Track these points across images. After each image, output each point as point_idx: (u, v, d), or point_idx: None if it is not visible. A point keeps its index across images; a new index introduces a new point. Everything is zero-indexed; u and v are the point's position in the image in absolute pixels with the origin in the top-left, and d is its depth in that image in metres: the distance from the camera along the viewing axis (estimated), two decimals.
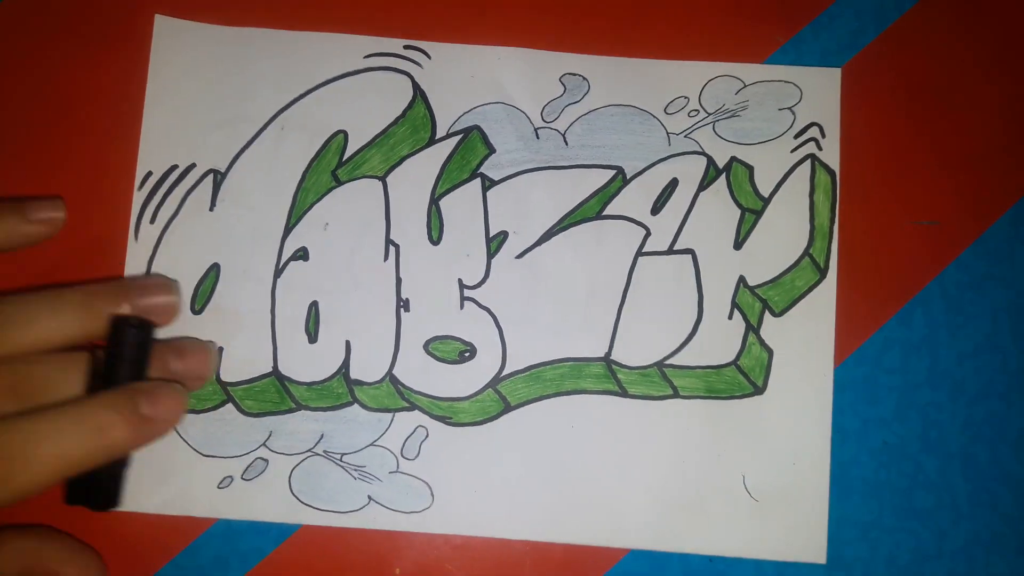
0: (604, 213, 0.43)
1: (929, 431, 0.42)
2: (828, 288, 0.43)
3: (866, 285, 0.43)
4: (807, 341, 0.42)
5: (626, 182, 0.43)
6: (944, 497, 0.42)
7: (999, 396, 0.43)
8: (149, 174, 0.43)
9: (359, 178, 0.43)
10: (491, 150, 0.43)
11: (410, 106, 0.44)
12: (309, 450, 0.42)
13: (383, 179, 0.43)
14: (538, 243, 0.43)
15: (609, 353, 0.42)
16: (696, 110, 0.44)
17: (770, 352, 0.42)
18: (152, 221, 0.43)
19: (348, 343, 0.42)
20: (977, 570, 0.42)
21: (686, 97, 0.44)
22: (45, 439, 0.32)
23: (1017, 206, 0.44)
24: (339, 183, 0.43)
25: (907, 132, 0.44)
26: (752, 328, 0.43)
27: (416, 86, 0.44)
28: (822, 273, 0.43)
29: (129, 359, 0.36)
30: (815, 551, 0.41)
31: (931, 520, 0.42)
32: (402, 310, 0.43)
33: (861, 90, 0.44)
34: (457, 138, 0.44)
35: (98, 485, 0.37)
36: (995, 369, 0.43)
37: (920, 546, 0.42)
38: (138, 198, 0.43)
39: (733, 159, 0.44)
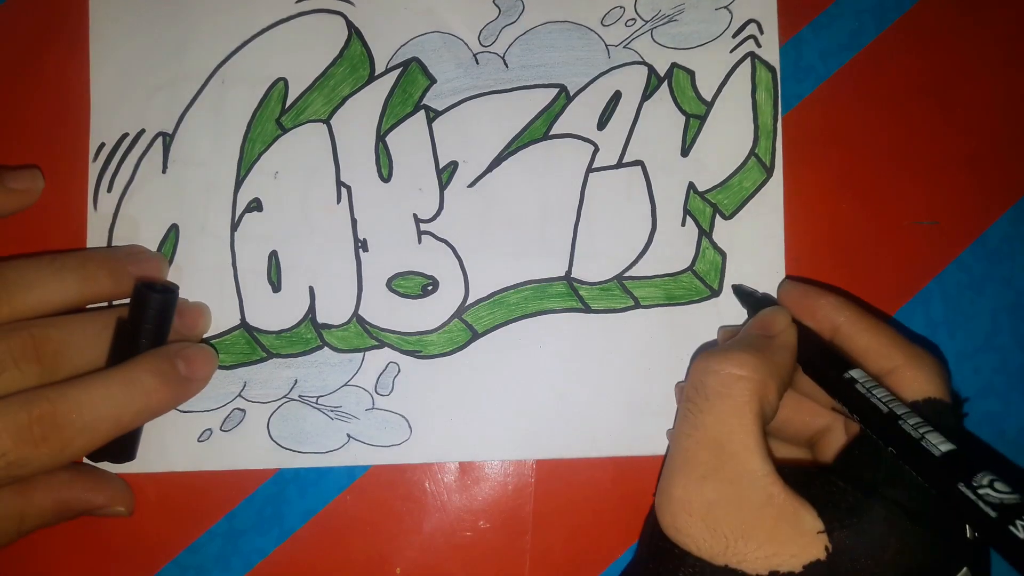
0: (551, 133, 0.43)
1: None
2: (775, 185, 0.43)
3: (866, 285, 0.43)
4: (758, 240, 0.43)
5: (570, 99, 0.43)
6: None
7: (998, 396, 0.43)
8: (102, 145, 0.43)
9: (304, 123, 0.43)
10: (432, 80, 0.43)
11: (346, 45, 0.44)
12: (284, 396, 0.43)
13: (327, 122, 0.43)
14: (488, 170, 0.43)
15: (569, 272, 0.43)
16: (633, 19, 0.43)
17: (723, 255, 0.43)
18: (109, 190, 0.43)
19: (311, 288, 0.43)
20: None
21: (621, 7, 0.44)
22: (98, 405, 0.35)
23: (1017, 206, 0.43)
24: (284, 131, 0.43)
25: (907, 132, 0.44)
26: (705, 233, 0.43)
27: (350, 24, 0.44)
28: (768, 172, 0.43)
29: (154, 323, 0.38)
30: None
31: None
32: (360, 250, 0.43)
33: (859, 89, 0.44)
34: (396, 72, 0.43)
35: (120, 441, 0.38)
36: (995, 369, 0.43)
37: None
38: (93, 170, 0.43)
39: (674, 65, 0.43)
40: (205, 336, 0.43)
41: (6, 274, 0.36)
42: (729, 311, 0.43)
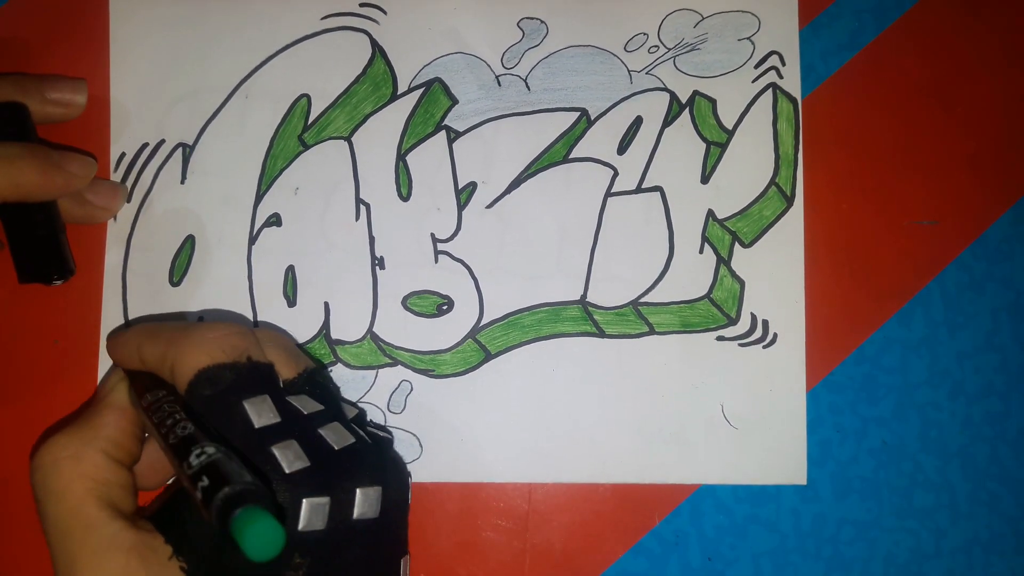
0: (571, 156, 0.43)
1: (928, 431, 0.43)
2: (795, 216, 0.43)
3: (866, 285, 0.43)
4: (777, 269, 0.43)
5: (591, 123, 0.43)
6: (943, 497, 0.42)
7: (999, 396, 0.43)
8: (123, 155, 0.43)
9: (325, 140, 0.43)
10: (454, 101, 0.44)
11: (370, 63, 0.44)
12: None
13: (349, 139, 0.43)
14: (507, 191, 0.43)
15: (584, 295, 0.43)
16: (656, 46, 0.44)
17: (742, 283, 0.43)
18: (128, 200, 0.43)
19: (327, 304, 0.43)
20: (976, 570, 0.42)
21: (645, 33, 0.44)
22: None
23: (1017, 206, 0.44)
24: (306, 147, 0.43)
25: (907, 132, 0.44)
26: (723, 260, 0.43)
27: (374, 43, 0.44)
28: (789, 201, 0.43)
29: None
30: (795, 473, 0.42)
31: (930, 520, 0.42)
32: (377, 268, 0.43)
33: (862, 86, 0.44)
34: (419, 92, 0.44)
35: (44, 258, 0.38)
36: (995, 369, 0.43)
37: (919, 545, 0.42)
38: (113, 179, 0.43)
39: (696, 93, 0.43)
40: None
41: None
42: (747, 339, 0.42)
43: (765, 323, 0.42)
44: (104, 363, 0.42)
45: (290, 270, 0.43)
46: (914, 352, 0.43)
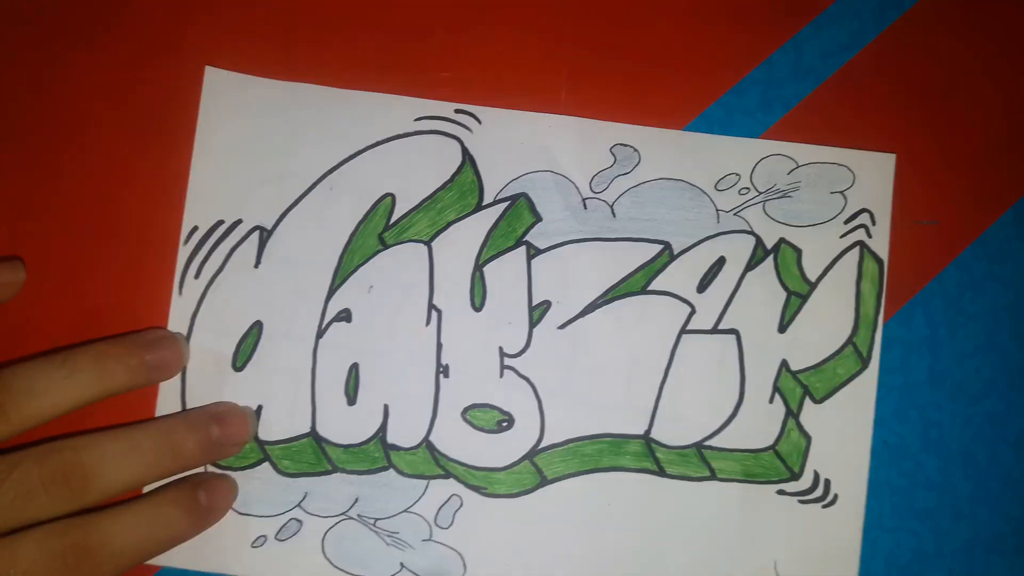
0: (649, 288, 0.43)
1: (929, 431, 0.42)
2: (869, 378, 0.42)
3: None
4: (845, 430, 0.42)
5: (673, 258, 0.43)
6: (944, 497, 0.42)
7: (999, 396, 0.43)
8: (195, 229, 0.43)
9: (405, 242, 0.43)
10: (537, 218, 0.43)
11: (459, 171, 0.43)
12: (343, 513, 0.42)
13: (429, 243, 0.43)
14: (581, 315, 0.43)
15: (649, 431, 0.42)
16: (747, 188, 0.43)
17: (808, 439, 0.42)
18: (196, 276, 0.43)
19: (386, 407, 0.42)
20: (977, 570, 0.42)
21: (737, 174, 0.43)
22: (126, 535, 0.36)
23: (1017, 206, 0.43)
24: (385, 246, 0.43)
25: (907, 132, 0.44)
26: (792, 413, 0.42)
27: (465, 151, 0.44)
28: (864, 363, 0.43)
29: None
30: None
31: (931, 520, 0.42)
32: (441, 376, 0.43)
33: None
34: (504, 205, 0.43)
35: None
36: (995, 369, 0.43)
37: (920, 546, 0.42)
38: (183, 252, 0.43)
39: (782, 240, 0.43)
40: (276, 439, 0.42)
41: (15, 383, 0.36)
42: (807, 497, 0.42)
43: (827, 482, 0.42)
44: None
45: (354, 368, 0.42)
46: (914, 352, 0.43)
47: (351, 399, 0.42)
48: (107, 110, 0.44)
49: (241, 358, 0.42)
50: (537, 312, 0.43)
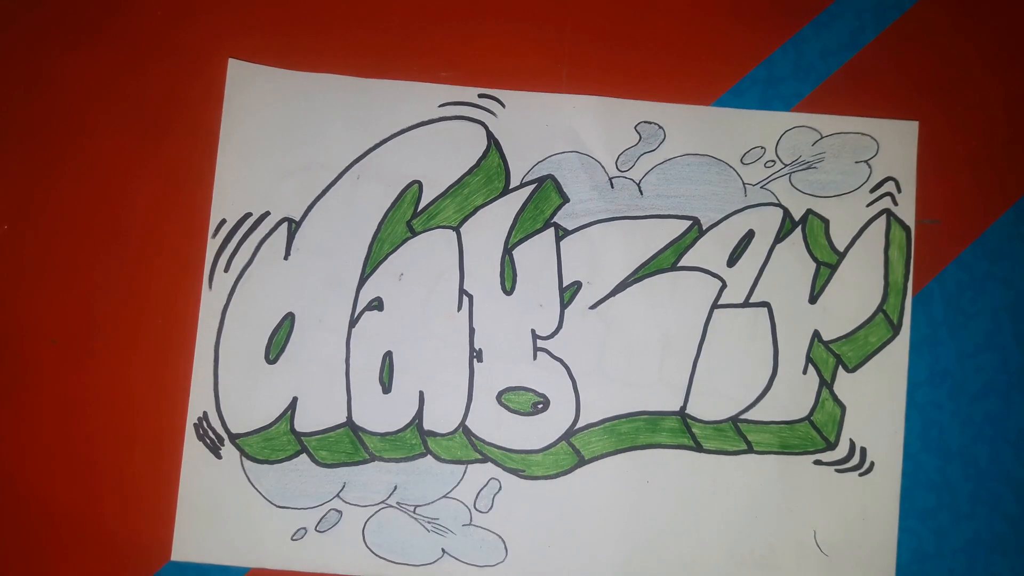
0: (679, 264, 0.43)
1: (929, 430, 0.42)
2: (901, 345, 0.43)
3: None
4: (879, 398, 0.42)
5: (702, 233, 0.43)
6: (944, 496, 0.42)
7: (999, 396, 0.43)
8: (223, 222, 0.43)
9: (434, 228, 0.43)
10: (565, 199, 0.43)
11: (484, 155, 0.43)
12: (382, 502, 0.42)
13: (457, 229, 0.43)
14: (612, 294, 0.43)
15: (684, 407, 0.42)
16: (772, 160, 0.44)
17: (843, 408, 0.42)
18: (226, 269, 0.43)
19: (421, 393, 0.42)
20: (977, 569, 0.42)
21: (763, 147, 0.44)
22: None
23: (1017, 205, 0.44)
24: (414, 233, 0.43)
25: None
26: (825, 383, 0.43)
27: (490, 135, 0.44)
28: (895, 330, 0.43)
29: None
30: None
31: (932, 519, 0.42)
32: (475, 360, 0.43)
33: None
34: (531, 187, 0.43)
35: None
36: (995, 369, 0.43)
37: (920, 545, 0.42)
38: (212, 246, 0.43)
39: (809, 212, 0.43)
40: (313, 429, 0.42)
41: None
42: (844, 465, 0.42)
43: (863, 450, 0.42)
44: (102, 364, 0.42)
45: (388, 356, 0.42)
46: (914, 352, 0.43)
47: (386, 387, 0.42)
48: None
49: (274, 350, 0.42)
50: (568, 293, 0.43)
